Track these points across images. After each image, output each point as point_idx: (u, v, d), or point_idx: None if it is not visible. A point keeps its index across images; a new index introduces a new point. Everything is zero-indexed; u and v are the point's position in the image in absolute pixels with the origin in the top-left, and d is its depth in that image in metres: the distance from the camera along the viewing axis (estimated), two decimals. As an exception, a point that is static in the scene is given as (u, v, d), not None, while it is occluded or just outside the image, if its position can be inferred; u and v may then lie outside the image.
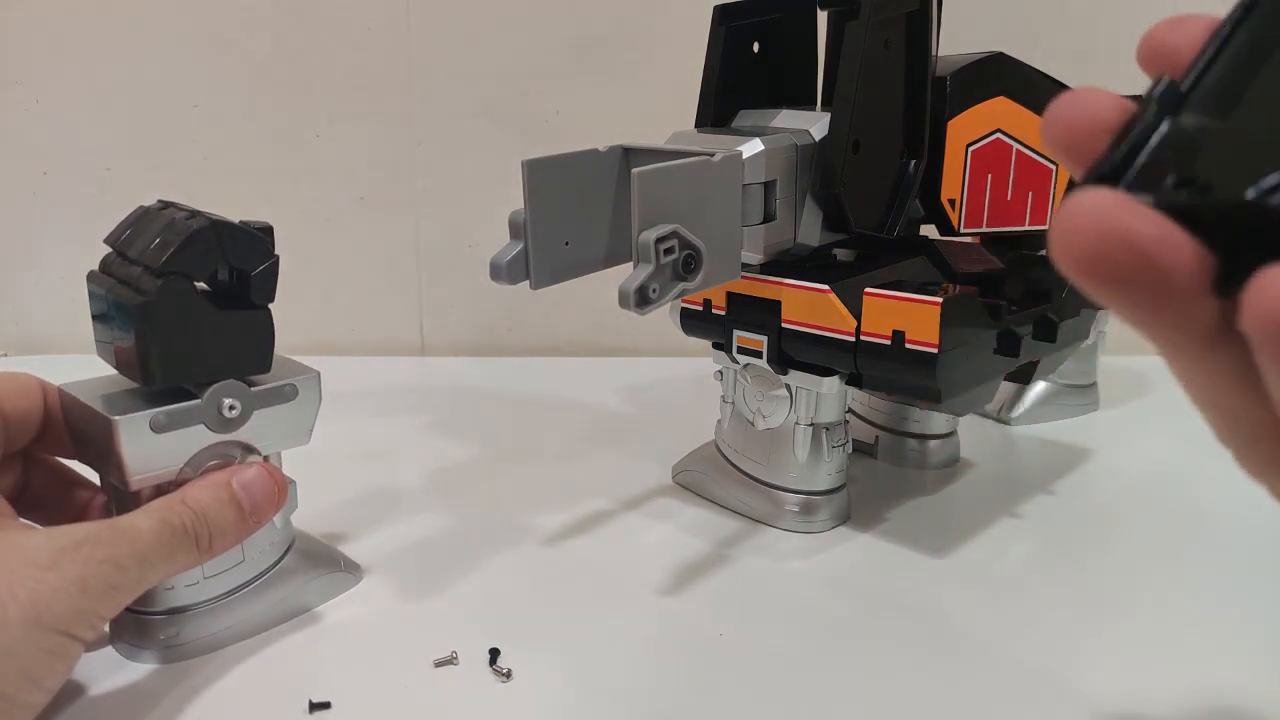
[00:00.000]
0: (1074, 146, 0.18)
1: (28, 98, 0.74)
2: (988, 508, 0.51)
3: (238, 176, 0.76)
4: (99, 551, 0.32)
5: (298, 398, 0.39)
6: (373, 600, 0.42)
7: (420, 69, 0.74)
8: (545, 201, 0.38)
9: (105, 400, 0.36)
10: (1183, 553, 0.47)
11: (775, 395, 0.47)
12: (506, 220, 0.38)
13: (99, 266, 0.38)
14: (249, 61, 0.73)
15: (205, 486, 0.36)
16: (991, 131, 0.47)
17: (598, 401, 0.67)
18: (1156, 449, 0.58)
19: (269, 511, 0.38)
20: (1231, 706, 0.36)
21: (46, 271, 0.77)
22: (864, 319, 0.42)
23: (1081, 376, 0.64)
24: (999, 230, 0.49)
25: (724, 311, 0.46)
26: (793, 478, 0.48)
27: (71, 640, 0.31)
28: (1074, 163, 0.18)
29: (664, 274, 0.34)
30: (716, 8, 0.46)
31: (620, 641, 0.39)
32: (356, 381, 0.69)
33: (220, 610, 0.38)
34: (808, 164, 0.43)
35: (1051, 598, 0.43)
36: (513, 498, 0.52)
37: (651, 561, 0.45)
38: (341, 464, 0.55)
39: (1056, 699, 0.36)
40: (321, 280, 0.78)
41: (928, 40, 0.43)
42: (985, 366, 0.43)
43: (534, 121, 0.75)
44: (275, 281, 0.37)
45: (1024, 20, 0.73)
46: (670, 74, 0.69)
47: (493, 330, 0.80)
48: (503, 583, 0.44)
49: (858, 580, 0.44)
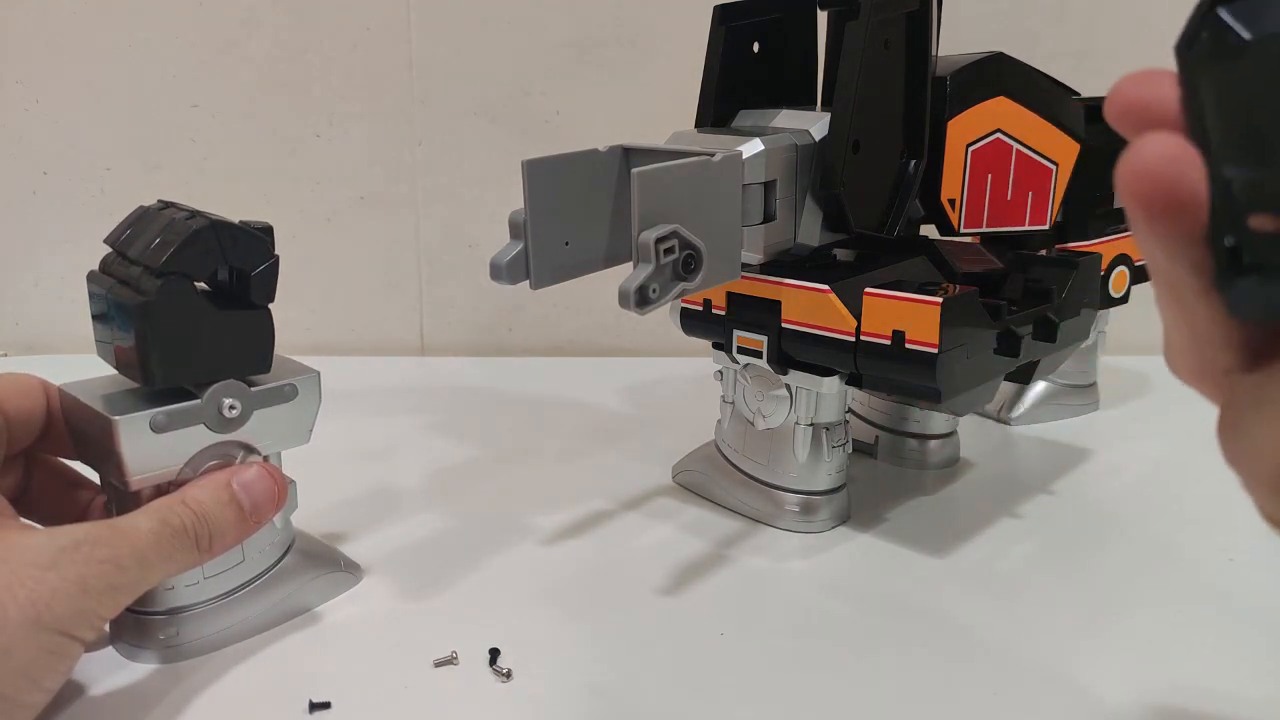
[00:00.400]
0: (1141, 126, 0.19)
1: (28, 98, 0.74)
2: (988, 508, 0.51)
3: (238, 176, 0.76)
4: (99, 552, 0.32)
5: (298, 398, 0.39)
6: (373, 600, 0.42)
7: (420, 69, 0.74)
8: (545, 201, 0.38)
9: (105, 400, 0.36)
10: (1182, 552, 0.47)
11: (775, 395, 0.47)
12: (506, 220, 0.38)
13: (99, 266, 0.38)
14: (249, 61, 0.73)
15: (205, 487, 0.36)
16: (991, 131, 0.47)
17: (598, 402, 0.67)
18: (1156, 449, 0.58)
19: (269, 512, 0.38)
20: (1231, 706, 0.36)
21: (46, 271, 0.78)
22: (864, 319, 0.42)
23: (1081, 376, 0.64)
24: (999, 230, 0.49)
25: (724, 311, 0.46)
26: (793, 478, 0.48)
27: (71, 640, 0.31)
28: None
29: (664, 274, 0.34)
30: (716, 8, 0.46)
31: (620, 641, 0.39)
32: (356, 381, 0.69)
33: (220, 610, 0.38)
34: (808, 164, 0.43)
35: (1051, 597, 0.43)
36: (513, 498, 0.52)
37: (651, 561, 0.45)
38: (341, 464, 0.55)
39: (1056, 698, 0.36)
40: (321, 280, 0.78)
41: (928, 40, 0.43)
42: (985, 366, 0.43)
43: (534, 121, 0.75)
44: (275, 281, 0.37)
45: (1024, 20, 0.73)
46: (670, 74, 0.69)
47: (493, 330, 0.80)
48: (503, 583, 0.44)
49: (858, 580, 0.44)
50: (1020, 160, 0.48)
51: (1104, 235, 0.57)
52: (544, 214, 0.38)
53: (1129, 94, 0.19)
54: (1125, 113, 0.19)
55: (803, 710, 0.35)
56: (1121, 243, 0.58)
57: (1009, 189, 0.48)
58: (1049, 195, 0.49)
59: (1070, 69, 0.47)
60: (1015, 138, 0.47)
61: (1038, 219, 0.50)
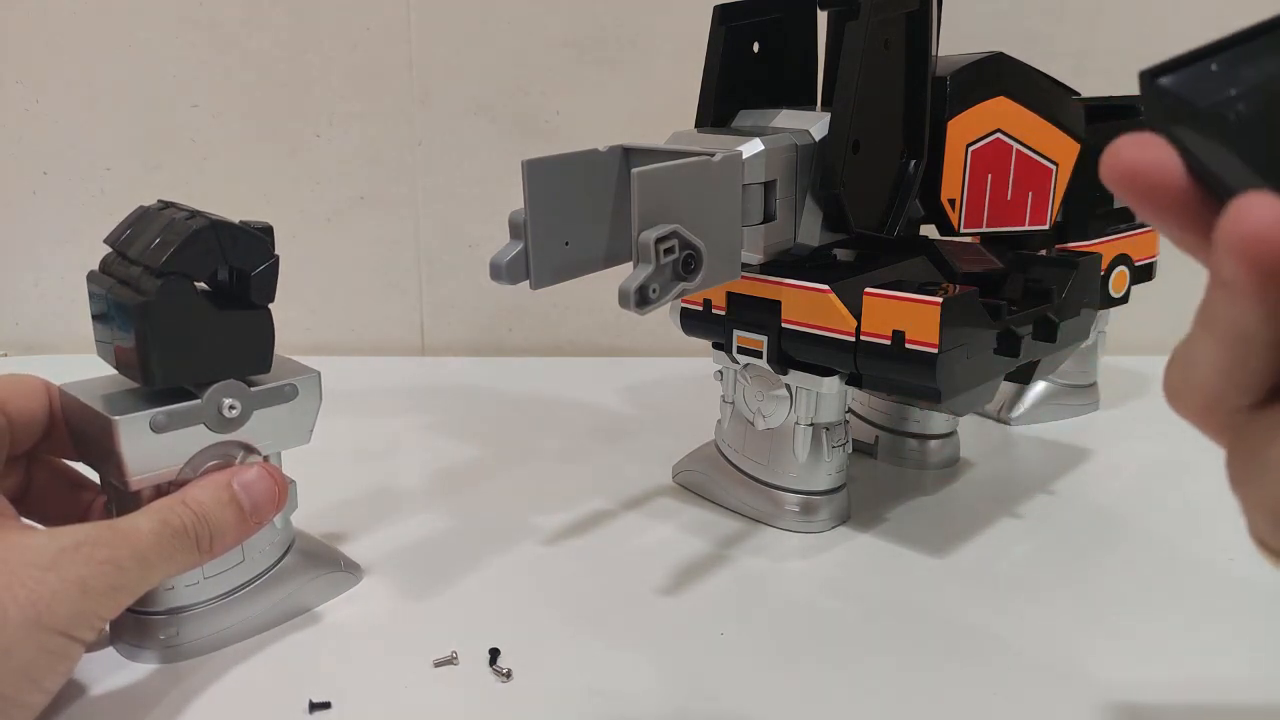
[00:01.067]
0: (1137, 189, 0.20)
1: (28, 98, 0.74)
2: (988, 508, 0.51)
3: (238, 176, 0.76)
4: (99, 552, 0.32)
5: (298, 398, 0.39)
6: (373, 600, 0.42)
7: (420, 69, 0.74)
8: (545, 201, 0.38)
9: (105, 400, 0.36)
10: (1182, 552, 0.47)
11: (775, 395, 0.47)
12: (506, 220, 0.38)
13: (99, 266, 0.38)
14: (249, 61, 0.73)
15: (205, 487, 0.36)
16: (991, 131, 0.47)
17: (598, 401, 0.67)
18: (1156, 449, 0.58)
19: (270, 512, 0.38)
20: (1231, 706, 0.36)
21: (46, 271, 0.78)
22: (864, 319, 0.42)
23: (1081, 376, 0.64)
24: (999, 230, 0.49)
25: (724, 311, 0.46)
26: (793, 478, 0.48)
27: (71, 641, 0.31)
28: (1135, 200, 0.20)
29: (664, 274, 0.34)
30: (716, 8, 0.46)
31: (620, 641, 0.39)
32: (356, 381, 0.69)
33: (220, 610, 0.38)
34: (808, 164, 0.43)
35: (1051, 597, 0.43)
36: (513, 498, 0.52)
37: (651, 561, 0.45)
38: (341, 464, 0.55)
39: (1056, 698, 0.36)
40: (321, 280, 0.78)
41: (928, 40, 0.43)
42: (985, 366, 0.43)
43: (534, 121, 0.75)
44: (275, 281, 0.37)
45: (1024, 20, 0.73)
46: (670, 74, 0.69)
47: (493, 330, 0.80)
48: (503, 583, 0.44)
49: (858, 580, 0.44)
50: (1020, 160, 0.48)
51: (1104, 235, 0.57)
52: (544, 214, 0.38)
53: (1127, 159, 0.19)
54: (1126, 178, 0.19)
55: (803, 710, 0.35)
56: (1121, 243, 0.58)
57: (1009, 189, 0.48)
58: (1049, 195, 0.49)
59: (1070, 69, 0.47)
60: (1015, 138, 0.47)
61: (1038, 219, 0.50)
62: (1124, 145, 0.19)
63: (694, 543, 0.47)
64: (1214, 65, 0.18)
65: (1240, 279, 0.17)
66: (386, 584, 0.43)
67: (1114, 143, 0.19)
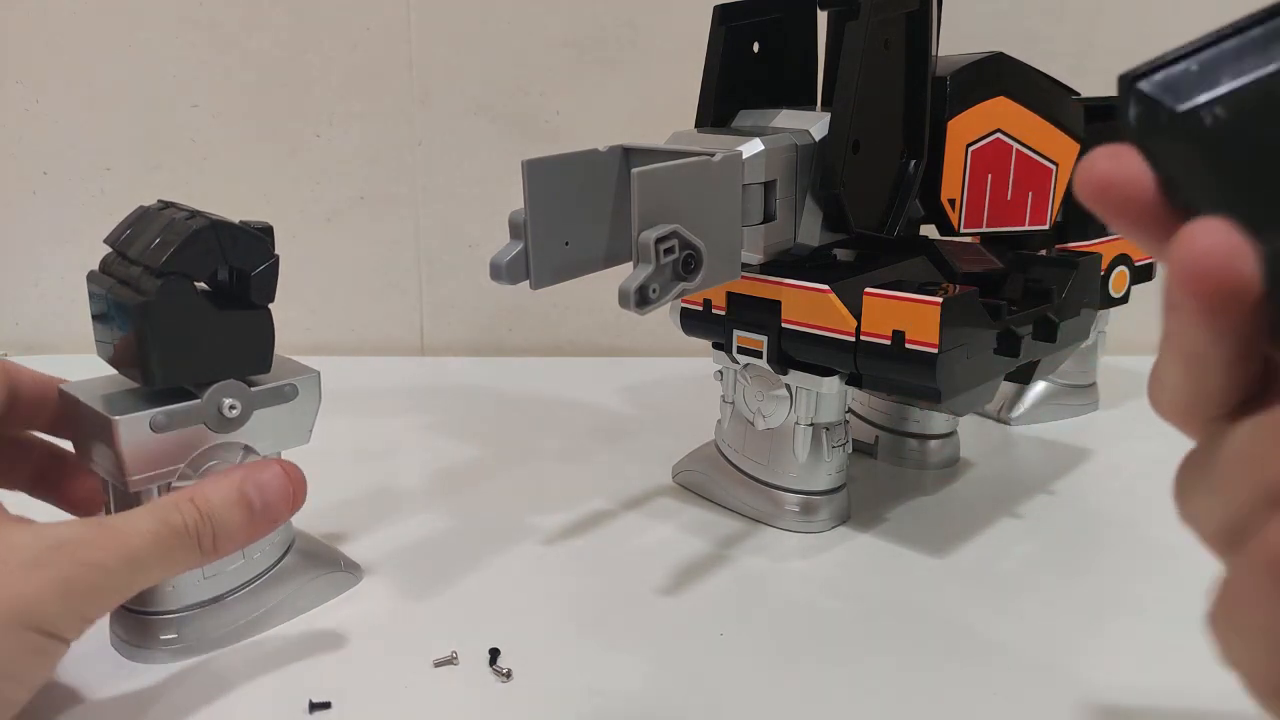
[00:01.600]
0: (1108, 201, 0.20)
1: (28, 98, 0.74)
2: (988, 508, 0.51)
3: (238, 176, 0.76)
4: (84, 553, 0.31)
5: (298, 398, 0.39)
6: (373, 600, 0.42)
7: (420, 69, 0.74)
8: (545, 201, 0.38)
9: (105, 400, 0.36)
10: (1182, 552, 0.46)
11: (775, 395, 0.47)
12: (506, 220, 0.38)
13: (99, 266, 0.38)
14: (249, 61, 0.73)
15: (216, 485, 0.35)
16: (991, 131, 0.47)
17: (598, 401, 0.67)
18: (1156, 449, 0.58)
19: (284, 512, 0.37)
20: (1231, 706, 0.36)
21: (46, 271, 0.77)
22: (864, 319, 0.42)
23: (1081, 376, 0.64)
24: (999, 230, 0.49)
25: (724, 311, 0.46)
26: (793, 478, 0.48)
27: (54, 640, 0.31)
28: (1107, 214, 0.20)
29: (664, 274, 0.34)
30: (716, 8, 0.46)
31: (620, 641, 0.39)
32: (356, 381, 0.69)
33: (220, 610, 0.38)
34: (808, 164, 0.43)
35: (1051, 597, 0.43)
36: (513, 498, 0.52)
37: (651, 561, 0.45)
38: (341, 464, 0.55)
39: (1057, 698, 0.36)
40: (321, 280, 0.78)
41: (928, 40, 0.43)
42: (985, 366, 0.43)
43: (534, 121, 0.75)
44: (275, 281, 0.37)
45: (1024, 20, 0.73)
46: (670, 74, 0.69)
47: (493, 330, 0.80)
48: (503, 583, 0.44)
49: (858, 580, 0.44)
50: (1020, 160, 0.48)
51: (1104, 235, 0.57)
52: (544, 214, 0.38)
53: (1101, 172, 0.19)
54: (1099, 192, 0.19)
55: (802, 710, 0.35)
56: (1121, 243, 0.58)
57: (1009, 189, 0.48)
58: (1049, 195, 0.49)
59: (1070, 69, 0.47)
60: (1015, 138, 0.47)
61: (1038, 219, 0.50)
62: (1098, 158, 0.19)
63: (694, 543, 0.47)
64: (1194, 65, 0.18)
65: (1188, 305, 0.18)
66: (386, 584, 0.43)
67: (1088, 155, 0.19)
